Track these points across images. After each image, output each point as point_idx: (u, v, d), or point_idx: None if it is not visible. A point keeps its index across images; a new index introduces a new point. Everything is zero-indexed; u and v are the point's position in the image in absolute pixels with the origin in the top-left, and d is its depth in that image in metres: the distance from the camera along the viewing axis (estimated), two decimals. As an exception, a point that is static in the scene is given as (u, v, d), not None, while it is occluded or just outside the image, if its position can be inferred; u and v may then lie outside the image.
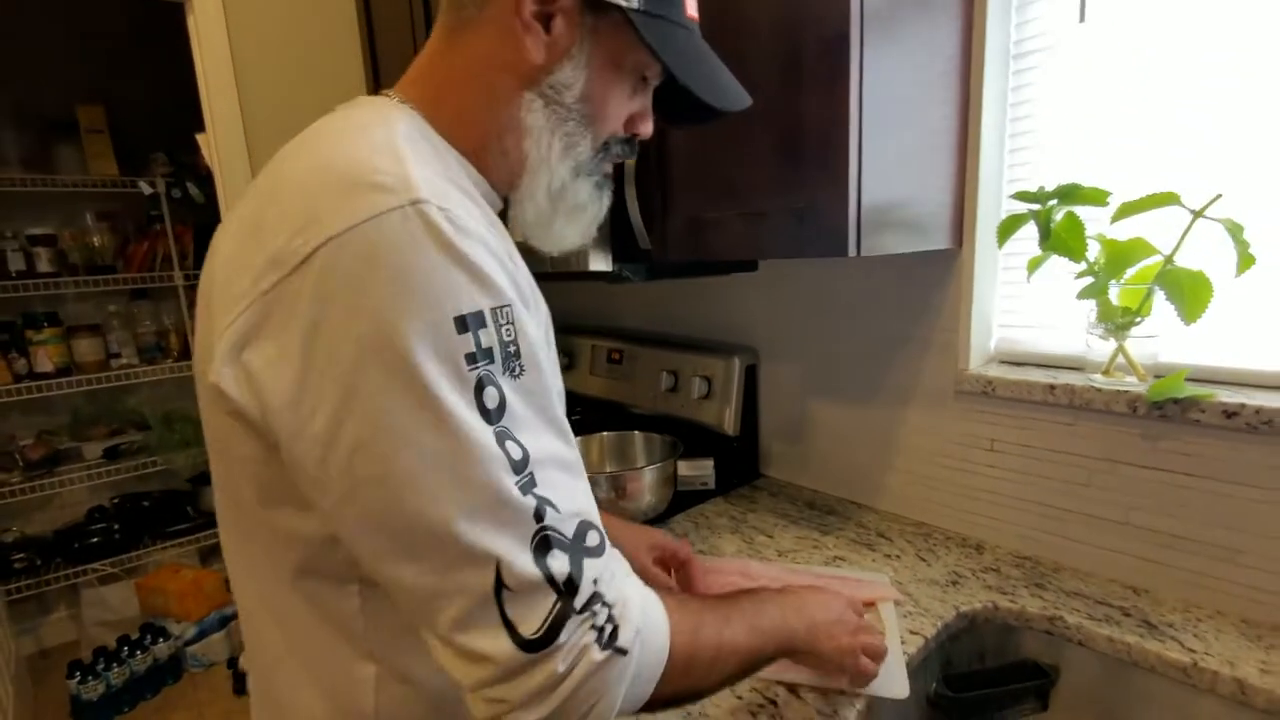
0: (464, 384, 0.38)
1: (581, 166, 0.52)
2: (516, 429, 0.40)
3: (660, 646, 0.44)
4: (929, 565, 0.92)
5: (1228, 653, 0.70)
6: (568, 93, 0.49)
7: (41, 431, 2.42)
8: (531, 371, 0.41)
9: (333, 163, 0.41)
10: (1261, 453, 0.73)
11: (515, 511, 0.38)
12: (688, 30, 0.52)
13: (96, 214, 2.41)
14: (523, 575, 0.38)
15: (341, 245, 0.37)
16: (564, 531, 0.40)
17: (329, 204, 0.38)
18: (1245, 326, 0.77)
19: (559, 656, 0.38)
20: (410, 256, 0.37)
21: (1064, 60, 0.86)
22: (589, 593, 0.40)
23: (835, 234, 0.72)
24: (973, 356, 0.95)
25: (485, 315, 0.39)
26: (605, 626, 0.40)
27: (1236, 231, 0.70)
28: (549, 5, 0.47)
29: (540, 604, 0.38)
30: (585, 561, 0.40)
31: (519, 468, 0.39)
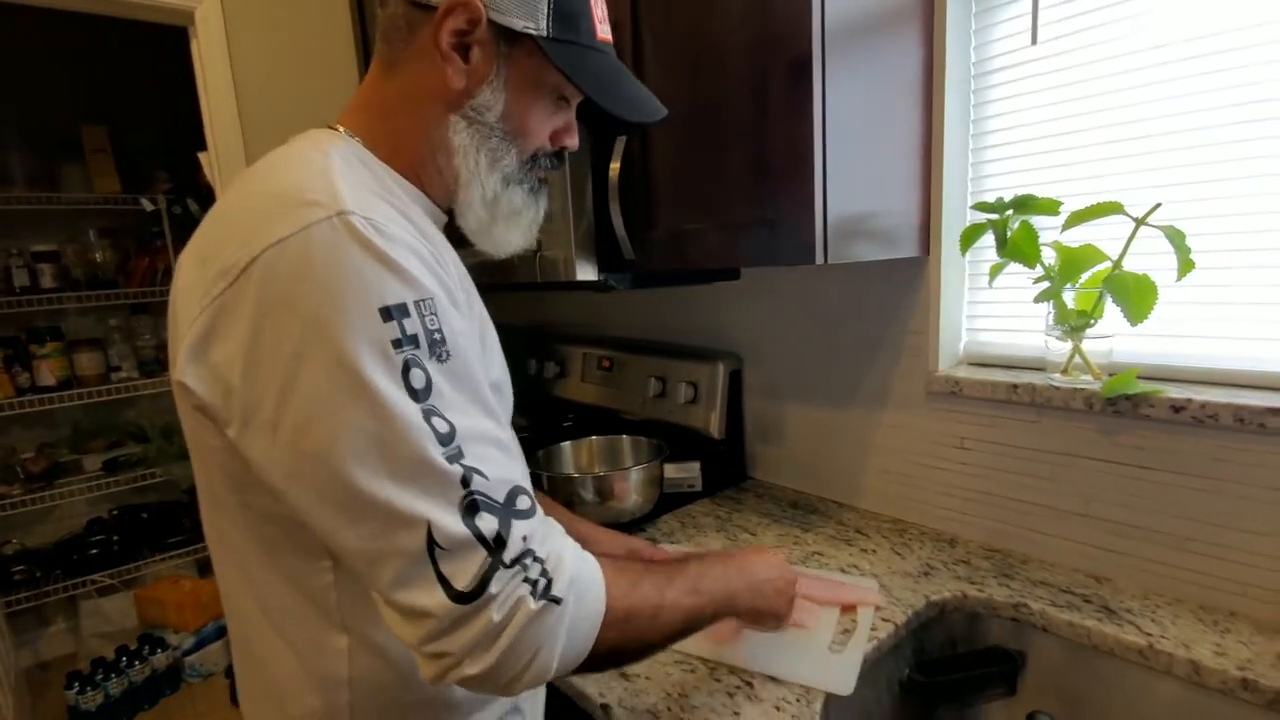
0: (391, 366, 0.43)
1: (510, 176, 0.58)
2: (444, 407, 0.44)
3: (596, 597, 0.48)
4: (903, 558, 0.96)
5: (1183, 636, 0.74)
6: (489, 113, 0.55)
7: (42, 444, 2.45)
8: (458, 358, 0.46)
9: (271, 188, 0.48)
10: (1207, 445, 0.77)
11: (441, 477, 0.43)
12: (599, 52, 0.57)
13: (99, 230, 2.46)
14: (451, 534, 0.42)
15: (278, 253, 0.43)
16: (493, 496, 0.44)
17: (267, 220, 0.44)
18: (1191, 326, 0.82)
19: (493, 606, 0.42)
20: (338, 258, 0.43)
21: (1022, 79, 0.92)
22: (519, 549, 0.44)
23: (804, 244, 0.77)
24: (942, 358, 1.00)
25: (409, 306, 0.44)
26: (539, 580, 0.44)
27: (1177, 238, 0.75)
28: (466, 37, 0.53)
29: (471, 560, 0.42)
30: (514, 522, 0.44)
31: (446, 440, 0.43)
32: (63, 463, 2.43)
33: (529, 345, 1.74)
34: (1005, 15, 0.92)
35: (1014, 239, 0.84)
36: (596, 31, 0.57)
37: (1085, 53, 0.85)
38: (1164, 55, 0.80)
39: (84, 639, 2.36)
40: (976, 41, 0.95)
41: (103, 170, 2.42)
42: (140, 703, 2.14)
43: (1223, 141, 0.77)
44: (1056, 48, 0.88)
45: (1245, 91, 0.75)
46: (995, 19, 0.93)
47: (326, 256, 0.43)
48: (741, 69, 0.80)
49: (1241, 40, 0.74)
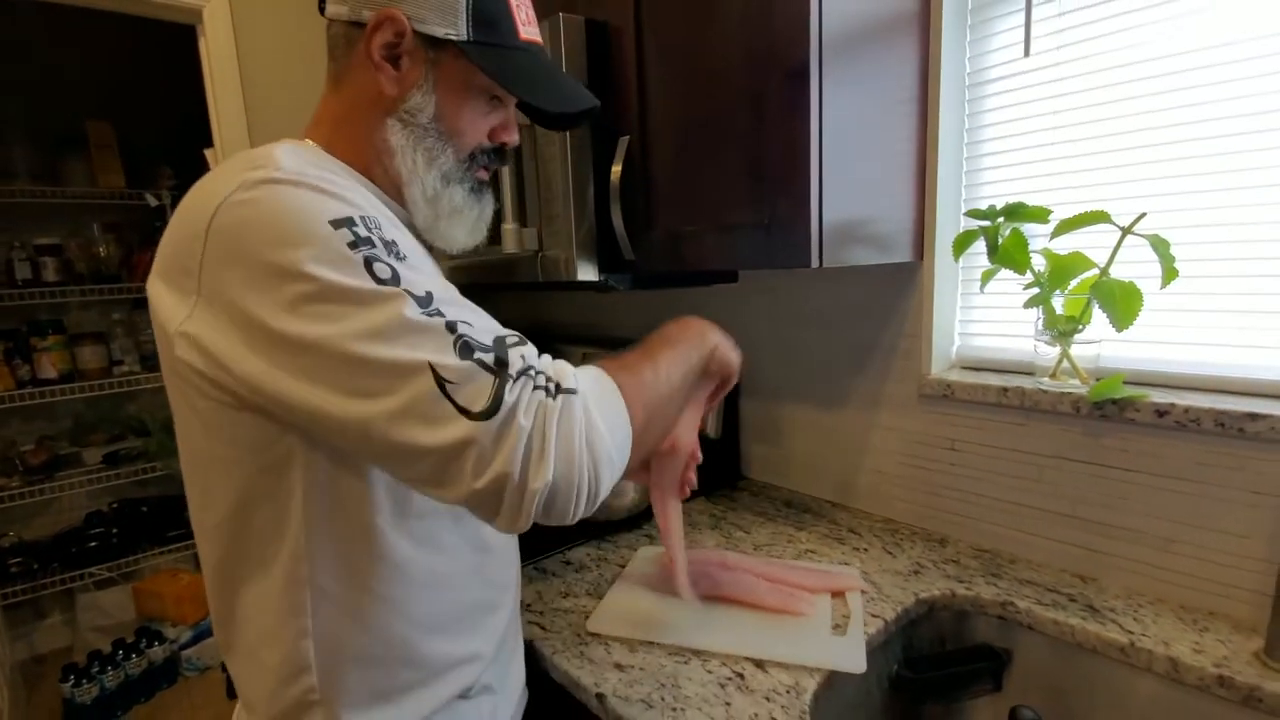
0: (353, 265, 0.46)
1: (449, 175, 0.61)
2: (413, 289, 0.48)
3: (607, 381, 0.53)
4: (894, 557, 0.98)
5: (1163, 634, 0.76)
6: (421, 115, 0.59)
7: (43, 437, 2.46)
8: (412, 261, 0.50)
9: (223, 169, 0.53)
10: (1190, 449, 0.79)
11: (428, 328, 0.46)
12: (524, 51, 0.61)
13: (103, 225, 2.47)
14: (455, 367, 0.45)
15: (228, 206, 0.48)
16: (481, 339, 0.48)
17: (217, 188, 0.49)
18: (1175, 333, 0.84)
19: (519, 413, 0.46)
20: (280, 193, 0.48)
21: (1015, 89, 0.94)
22: (519, 366, 0.47)
23: (800, 248, 0.79)
24: (934, 362, 1.02)
25: (355, 219, 0.48)
26: (547, 385, 0.48)
27: (1162, 246, 0.77)
28: (395, 49, 0.58)
29: (481, 384, 0.46)
30: (509, 350, 0.48)
31: (424, 302, 0.47)
32: (63, 455, 2.44)
33: (529, 344, 1.76)
34: (1000, 28, 0.94)
35: (1005, 246, 0.86)
36: (520, 33, 0.61)
37: (1076, 65, 0.88)
38: (1150, 69, 0.82)
39: (80, 632, 2.37)
40: (971, 53, 0.97)
41: (108, 165, 2.44)
42: (136, 696, 2.14)
43: (1206, 153, 0.79)
44: (1048, 59, 0.90)
45: (1229, 105, 0.77)
46: (990, 31, 0.95)
47: (270, 195, 0.48)
48: (740, 76, 0.82)
49: (1225, 55, 0.77)
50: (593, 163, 0.98)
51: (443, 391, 0.45)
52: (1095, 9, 0.85)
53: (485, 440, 0.45)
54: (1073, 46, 0.88)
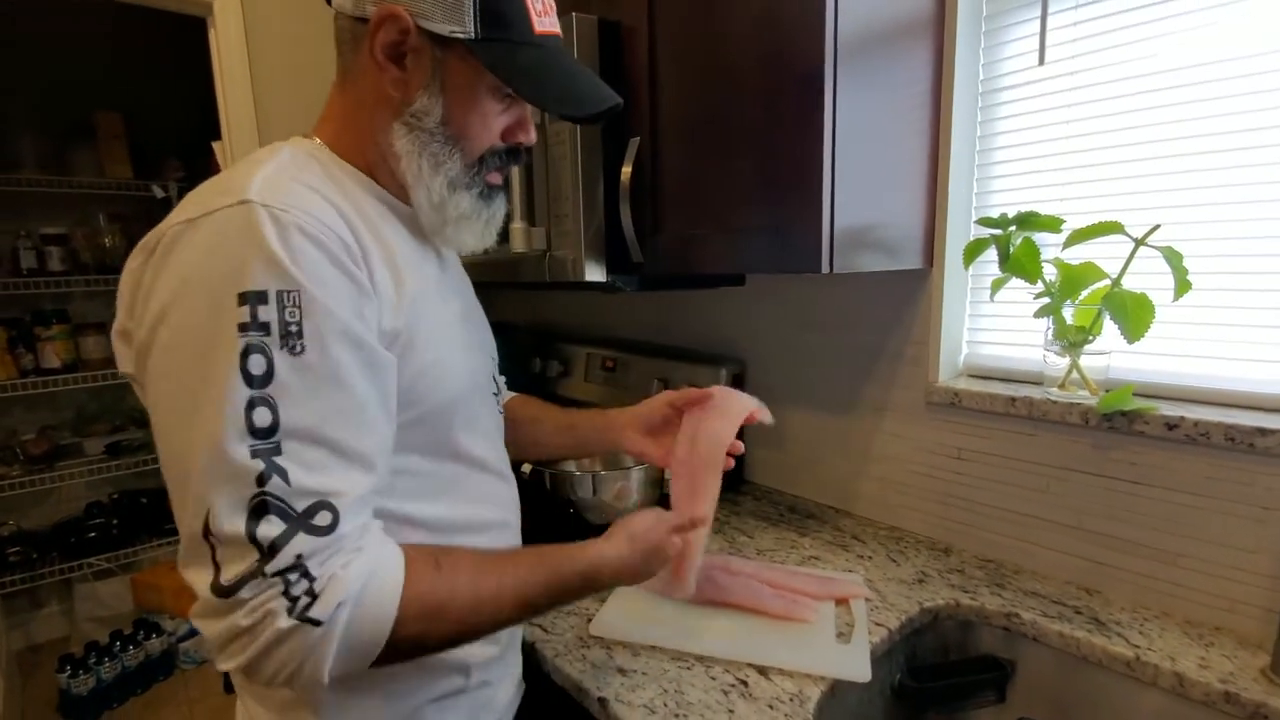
0: (232, 346, 0.45)
1: (455, 181, 0.59)
2: (280, 399, 0.45)
3: (382, 609, 0.47)
4: (898, 565, 0.97)
5: (1169, 649, 0.76)
6: (427, 118, 0.57)
7: (44, 426, 2.46)
8: (318, 354, 0.47)
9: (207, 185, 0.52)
10: (1199, 463, 0.79)
11: (234, 470, 0.44)
12: (536, 47, 0.57)
13: (109, 215, 2.47)
14: (225, 529, 0.43)
15: (180, 231, 0.48)
16: (290, 504, 0.44)
17: (187, 207, 0.50)
18: (1186, 346, 0.84)
19: (241, 611, 0.44)
20: (219, 240, 0.47)
21: (1029, 98, 0.93)
22: (287, 563, 0.44)
23: (810, 252, 0.79)
24: (942, 370, 1.02)
25: (269, 294, 0.46)
26: (300, 598, 0.44)
27: (1175, 259, 0.77)
28: (400, 47, 0.55)
29: (239, 559, 0.44)
30: (300, 535, 0.44)
31: (261, 434, 0.44)
32: (64, 445, 2.44)
33: (533, 343, 1.76)
34: (1014, 35, 0.94)
35: (1016, 255, 0.85)
36: (534, 26, 0.57)
37: (1091, 75, 0.87)
38: (1167, 80, 0.81)
39: (78, 622, 2.37)
40: (985, 60, 0.96)
41: (115, 156, 2.44)
42: (133, 688, 2.14)
43: (1220, 166, 0.79)
44: (1063, 68, 0.89)
45: (1244, 118, 0.76)
46: (1004, 39, 0.95)
47: (211, 239, 0.47)
48: (753, 79, 0.82)
49: (1241, 67, 0.76)
50: (603, 164, 0.98)
51: (206, 540, 0.44)
52: (1111, 18, 0.85)
53: (206, 607, 0.45)
54: (1088, 56, 0.87)
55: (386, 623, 0.47)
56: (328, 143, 0.60)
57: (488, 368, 0.72)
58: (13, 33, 2.32)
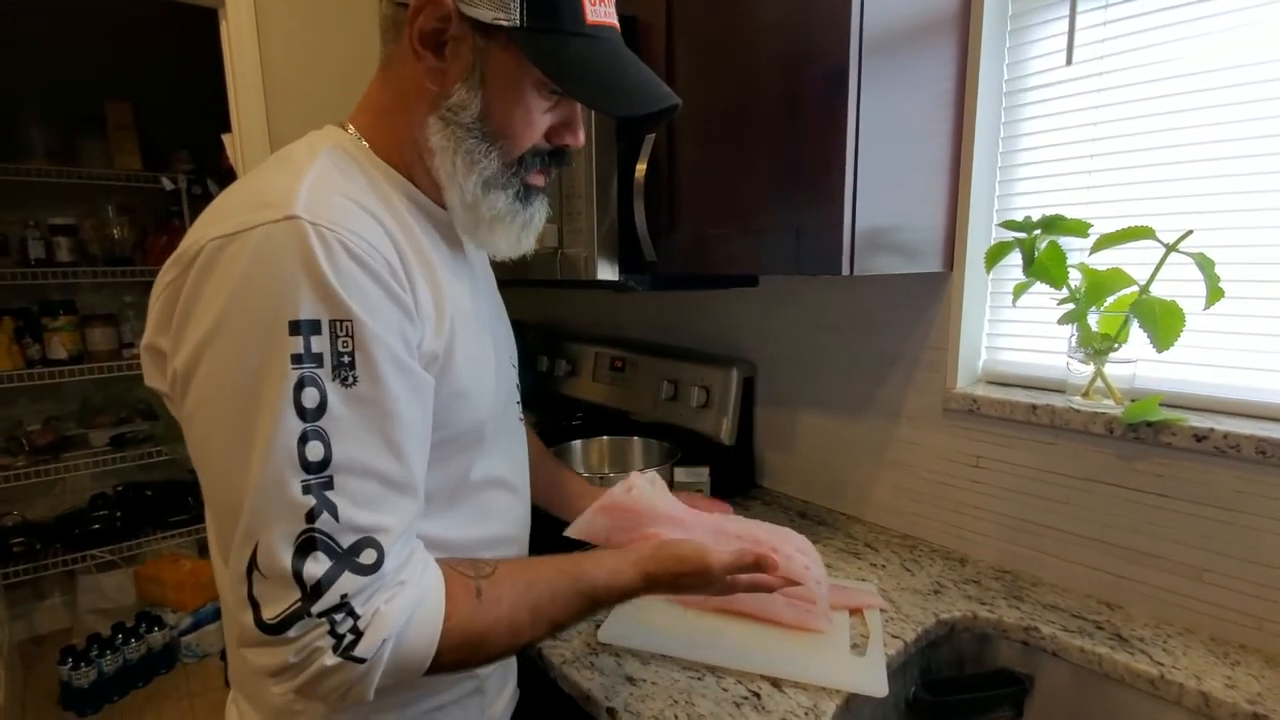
0: (284, 379, 0.43)
1: (491, 181, 0.55)
2: (333, 432, 0.44)
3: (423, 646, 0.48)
4: (913, 575, 0.95)
5: (1194, 667, 0.73)
6: (464, 113, 0.53)
7: (50, 417, 2.45)
8: (369, 384, 0.46)
9: (246, 187, 0.50)
10: (1228, 476, 0.76)
11: (286, 506, 0.43)
12: (587, 38, 0.52)
13: (118, 207, 2.46)
14: (274, 565, 0.43)
15: (219, 247, 0.45)
16: (336, 539, 0.44)
17: (222, 217, 0.47)
18: (1217, 355, 0.81)
19: (290, 649, 0.43)
20: (266, 262, 0.44)
21: (1055, 98, 0.91)
22: (332, 602, 0.44)
23: (831, 253, 0.77)
24: (960, 376, 0.99)
25: (322, 324, 0.44)
26: (345, 636, 0.44)
27: (1207, 265, 0.74)
28: (440, 35, 0.51)
29: (282, 596, 0.43)
30: (345, 575, 0.44)
31: (313, 468, 0.43)
32: (69, 436, 2.44)
33: (541, 342, 1.74)
34: (1041, 34, 0.91)
35: (1041, 259, 0.83)
36: (586, 15, 0.52)
37: (1120, 75, 0.85)
38: (1200, 82, 0.79)
39: (80, 614, 2.36)
40: (1010, 59, 0.94)
41: (125, 147, 2.43)
42: (134, 681, 2.14)
43: (1255, 171, 0.76)
44: (1091, 69, 0.87)
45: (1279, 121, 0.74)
46: (1031, 37, 0.92)
47: (256, 259, 0.44)
48: (775, 74, 0.80)
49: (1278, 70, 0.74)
50: (617, 160, 0.96)
51: (248, 575, 0.43)
52: (1143, 18, 0.83)
53: (252, 640, 0.44)
54: (1117, 56, 0.85)
55: (428, 654, 0.48)
56: (364, 135, 0.57)
57: (512, 378, 0.70)
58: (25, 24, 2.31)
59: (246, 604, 0.44)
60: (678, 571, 0.61)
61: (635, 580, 0.60)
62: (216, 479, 0.46)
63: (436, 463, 0.55)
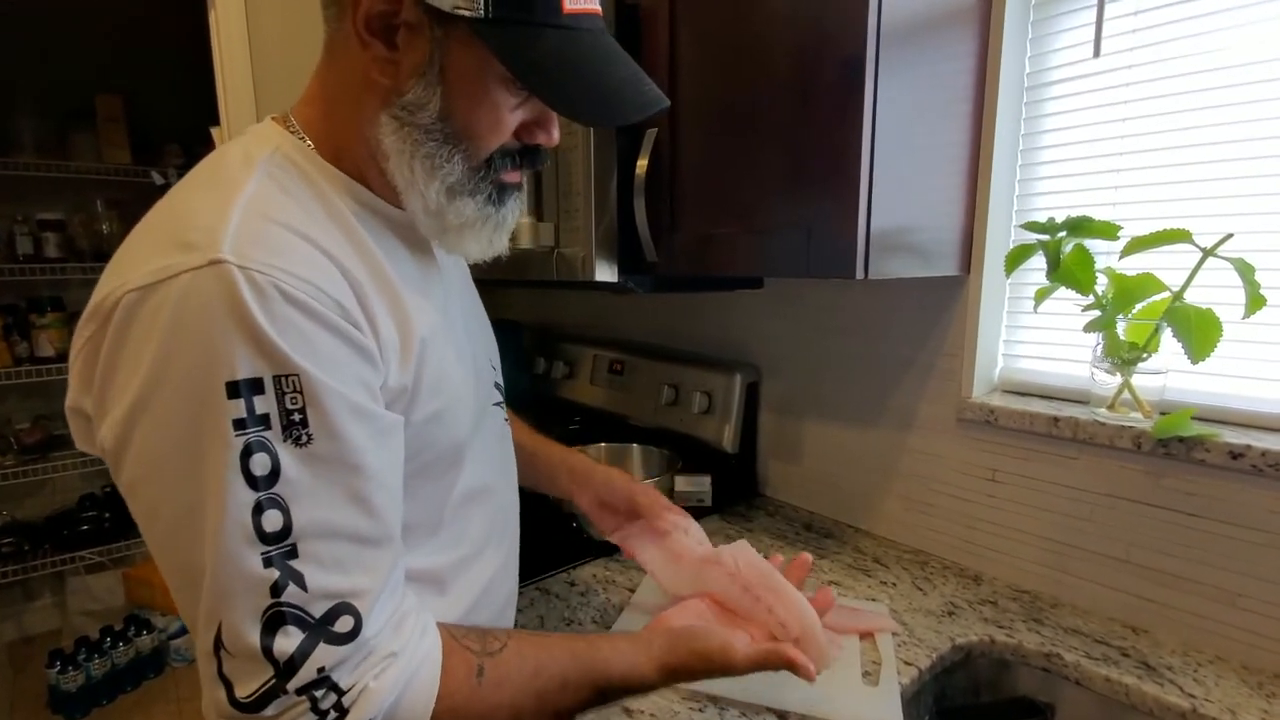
0: (228, 448, 0.38)
1: (456, 188, 0.49)
2: (290, 497, 0.40)
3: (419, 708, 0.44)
4: (925, 595, 0.91)
5: (1228, 700, 0.69)
6: (422, 113, 0.46)
7: (38, 416, 2.41)
8: (326, 441, 0.41)
9: (163, 216, 0.44)
10: (1266, 496, 0.72)
11: (248, 582, 0.39)
12: (563, 30, 0.46)
13: (106, 201, 2.42)
14: (241, 644, 0.39)
15: (137, 300, 0.39)
16: (308, 611, 0.40)
17: (140, 258, 0.41)
18: (1255, 367, 0.76)
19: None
20: (194, 317, 0.39)
21: (1080, 93, 0.86)
22: (309, 678, 0.40)
23: (844, 255, 0.72)
24: (976, 384, 0.95)
25: (265, 382, 0.39)
26: (329, 712, 0.40)
27: (1248, 272, 0.69)
28: (391, 19, 0.45)
29: (255, 673, 0.39)
30: (321, 646, 0.40)
31: (273, 538, 0.39)
32: (58, 435, 2.39)
33: (537, 342, 1.69)
34: (1066, 25, 0.86)
35: (1067, 262, 0.78)
36: (564, 3, 0.46)
37: (1152, 68, 0.80)
38: (1237, 76, 0.74)
39: (70, 616, 2.33)
40: (1033, 51, 0.89)
41: (114, 140, 2.38)
42: (122, 685, 2.10)
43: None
44: (1120, 61, 0.82)
45: (1330, 118, 0.69)
46: (1055, 28, 0.87)
47: (179, 315, 0.39)
48: (785, 66, 0.75)
49: (1329, 62, 0.69)
50: (616, 156, 0.91)
51: (216, 654, 0.40)
52: (1175, 7, 0.78)
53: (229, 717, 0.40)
54: (1148, 48, 0.80)
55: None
56: (310, 132, 0.49)
57: (491, 378, 0.66)
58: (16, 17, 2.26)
59: (218, 682, 0.40)
60: (699, 669, 0.57)
61: (652, 676, 0.55)
62: (168, 557, 0.42)
63: (415, 492, 0.50)
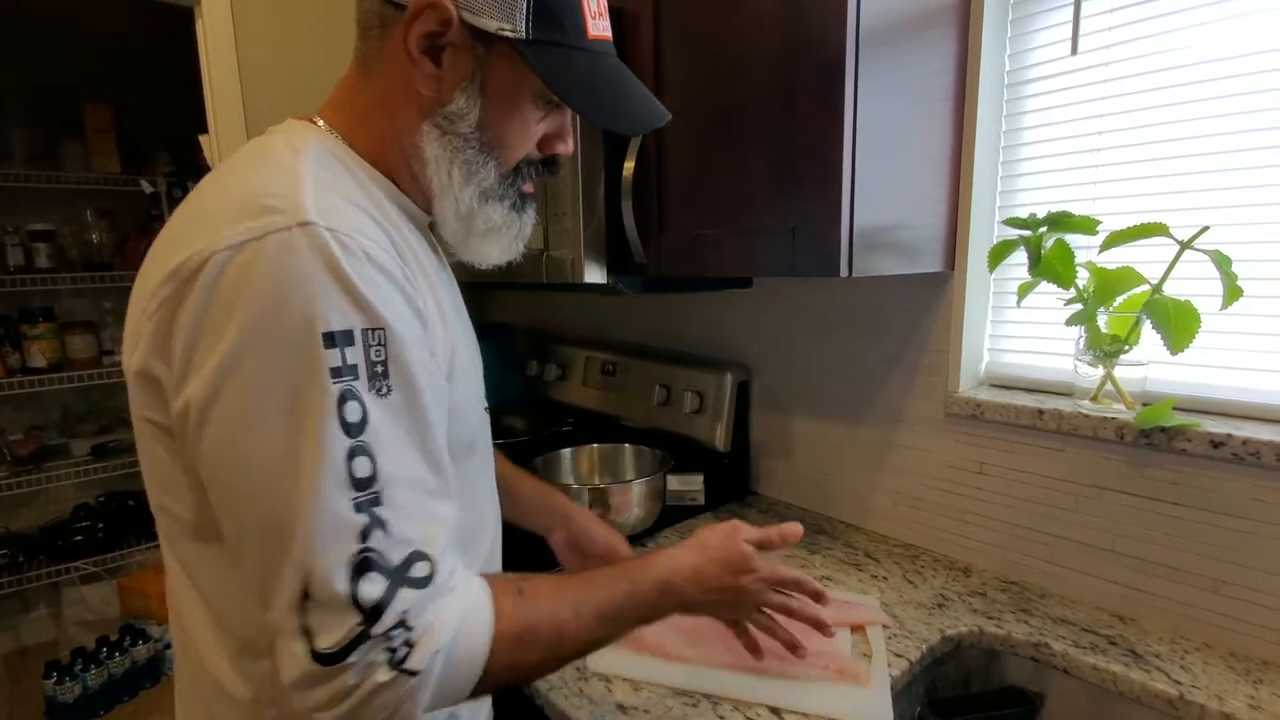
0: (326, 395, 0.40)
1: (489, 192, 0.54)
2: (376, 445, 0.42)
3: (475, 656, 0.46)
4: (916, 587, 0.92)
5: (1215, 686, 0.70)
6: (462, 122, 0.51)
7: (31, 427, 2.40)
8: (402, 392, 0.44)
9: (233, 189, 0.45)
10: (1247, 484, 0.73)
11: (339, 528, 0.40)
12: (588, 52, 0.52)
13: (97, 211, 2.41)
14: (330, 591, 0.40)
15: (228, 258, 0.41)
16: (389, 557, 0.42)
17: (223, 223, 0.42)
18: (1233, 357, 0.78)
19: (351, 672, 0.41)
20: (288, 272, 0.41)
21: (1058, 90, 0.87)
22: (393, 621, 0.41)
23: (828, 254, 0.73)
24: (962, 379, 0.96)
25: (355, 334, 0.42)
26: (399, 649, 0.42)
27: (1224, 263, 0.71)
28: (438, 40, 0.49)
29: (341, 622, 0.40)
30: (401, 591, 0.42)
31: (362, 485, 0.41)
32: (51, 446, 2.38)
33: (530, 346, 1.70)
34: (1044, 23, 0.88)
35: (1048, 257, 0.80)
36: (588, 29, 0.52)
37: (1129, 65, 0.81)
38: (1215, 70, 0.75)
39: (65, 626, 2.32)
40: (1012, 49, 0.90)
41: (104, 150, 2.37)
42: (119, 695, 2.09)
43: (1274, 164, 0.73)
44: (1097, 59, 0.83)
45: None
46: (1033, 26, 0.89)
47: (277, 269, 0.41)
48: (768, 67, 0.76)
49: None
50: (604, 158, 0.92)
51: (301, 605, 0.40)
52: (1151, 4, 0.79)
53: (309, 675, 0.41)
54: (1125, 45, 0.81)
55: (479, 663, 0.46)
56: (343, 136, 0.53)
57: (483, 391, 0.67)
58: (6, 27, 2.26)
59: (298, 636, 0.40)
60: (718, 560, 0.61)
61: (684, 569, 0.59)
62: (256, 512, 0.42)
63: None
